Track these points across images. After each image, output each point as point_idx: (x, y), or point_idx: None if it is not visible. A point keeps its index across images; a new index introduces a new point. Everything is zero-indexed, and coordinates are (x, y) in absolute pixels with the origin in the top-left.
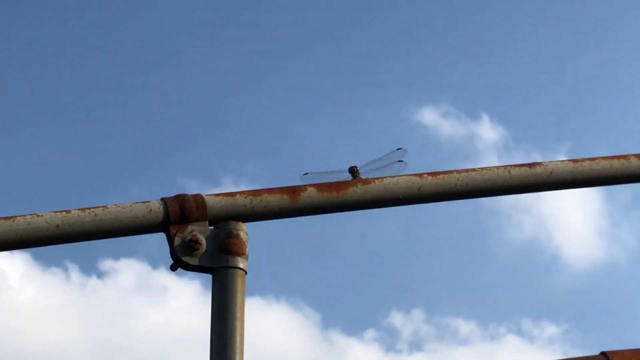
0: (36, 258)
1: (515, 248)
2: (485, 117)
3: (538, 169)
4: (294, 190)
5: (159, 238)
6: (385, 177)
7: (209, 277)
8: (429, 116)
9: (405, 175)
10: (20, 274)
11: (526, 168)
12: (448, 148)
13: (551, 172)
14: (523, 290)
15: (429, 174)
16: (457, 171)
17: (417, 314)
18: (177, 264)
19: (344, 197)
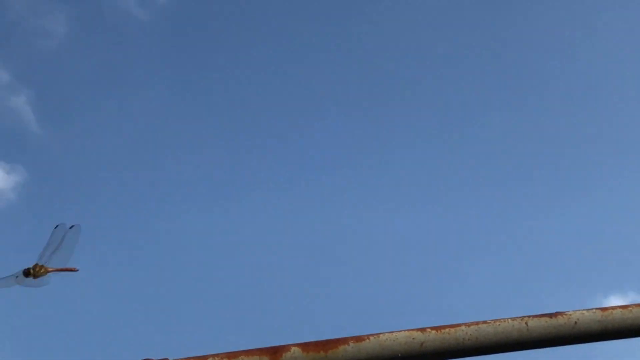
0: None
1: None
2: None
3: (560, 320)
4: (275, 351)
5: None
6: (382, 333)
7: None
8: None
9: (405, 330)
10: None
11: (546, 318)
12: None
13: (575, 323)
14: None
15: (433, 328)
16: (465, 324)
17: None
18: None
19: (334, 356)
